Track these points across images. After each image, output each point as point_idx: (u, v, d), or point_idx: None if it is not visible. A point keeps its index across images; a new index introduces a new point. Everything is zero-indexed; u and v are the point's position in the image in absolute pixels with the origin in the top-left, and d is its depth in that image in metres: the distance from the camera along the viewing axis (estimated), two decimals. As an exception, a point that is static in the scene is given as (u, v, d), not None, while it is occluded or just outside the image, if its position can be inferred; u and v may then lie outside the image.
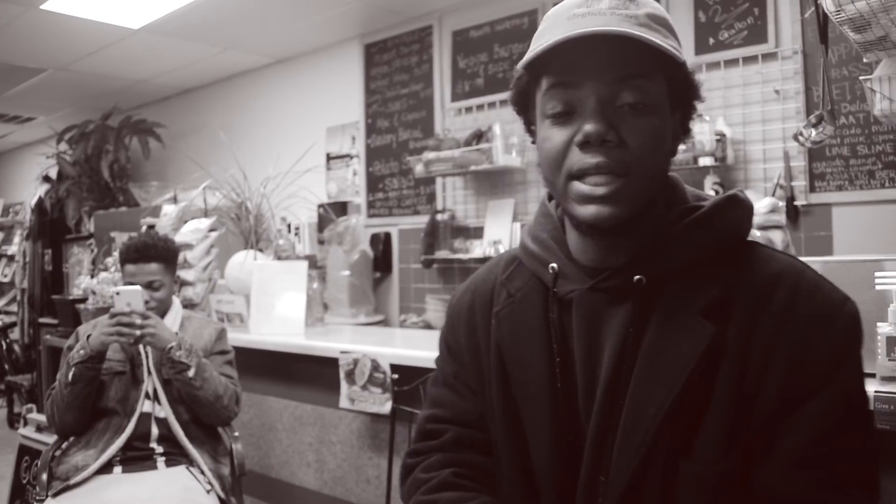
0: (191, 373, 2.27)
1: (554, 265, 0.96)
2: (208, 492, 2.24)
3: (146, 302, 2.33)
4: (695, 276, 0.89)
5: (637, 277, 0.88)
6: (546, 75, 0.88)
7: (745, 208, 0.94)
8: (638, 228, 0.89)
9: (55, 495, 2.15)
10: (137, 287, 2.29)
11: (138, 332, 2.21)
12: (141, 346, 2.35)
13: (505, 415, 0.99)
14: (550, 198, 1.06)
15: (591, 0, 0.86)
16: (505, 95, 3.81)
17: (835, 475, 0.82)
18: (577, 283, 0.94)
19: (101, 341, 2.21)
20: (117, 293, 2.25)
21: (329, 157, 4.86)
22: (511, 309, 1.01)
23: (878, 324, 1.62)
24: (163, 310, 2.48)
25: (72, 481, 2.17)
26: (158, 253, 2.47)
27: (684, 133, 0.95)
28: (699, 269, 0.89)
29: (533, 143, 0.97)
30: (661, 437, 0.85)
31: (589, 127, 0.83)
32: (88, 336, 2.24)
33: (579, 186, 0.86)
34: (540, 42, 0.87)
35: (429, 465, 1.04)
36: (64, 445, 2.35)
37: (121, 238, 4.11)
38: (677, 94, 0.90)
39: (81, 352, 2.21)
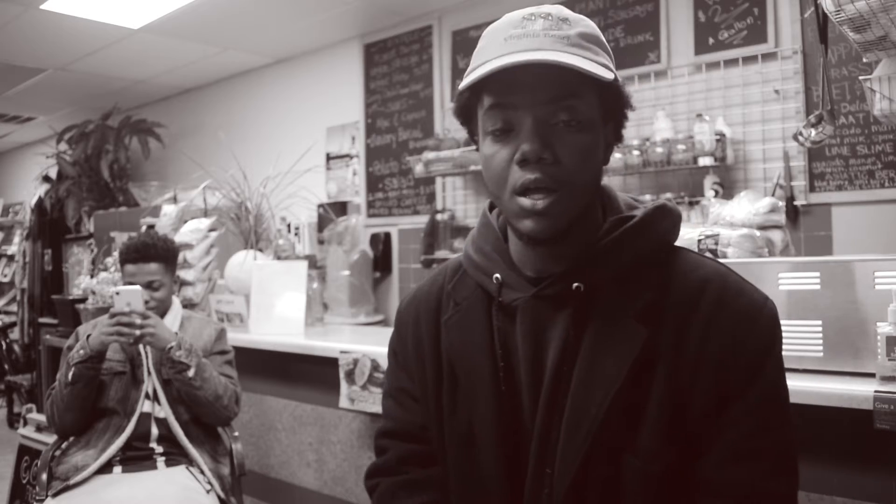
0: (191, 373, 2.27)
1: (498, 275, 1.02)
2: (208, 492, 2.24)
3: (146, 302, 2.32)
4: (629, 282, 0.96)
5: (575, 285, 0.95)
6: (486, 94, 0.94)
7: (674, 217, 1.02)
8: (575, 237, 0.96)
9: (55, 495, 2.15)
10: (137, 287, 2.29)
11: (138, 332, 2.21)
12: (141, 347, 2.35)
13: (451, 418, 1.05)
14: (491, 209, 1.12)
15: (526, 21, 0.93)
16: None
17: (767, 466, 0.90)
18: (520, 292, 1.00)
19: (101, 341, 2.21)
20: (117, 293, 2.25)
21: (329, 157, 4.86)
22: (459, 317, 1.06)
23: (878, 323, 1.62)
24: (163, 310, 2.48)
25: (71, 481, 2.16)
26: (158, 253, 2.47)
27: (617, 140, 1.02)
28: (632, 275, 0.96)
29: (476, 150, 1.03)
30: (603, 433, 0.91)
31: (526, 147, 0.90)
32: (88, 336, 2.24)
33: (522, 201, 0.92)
34: (479, 61, 0.94)
35: (381, 497, 1.12)
36: (64, 445, 2.35)
37: (121, 238, 4.11)
38: (609, 107, 0.96)
39: (81, 352, 2.21)
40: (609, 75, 0.92)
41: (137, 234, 2.62)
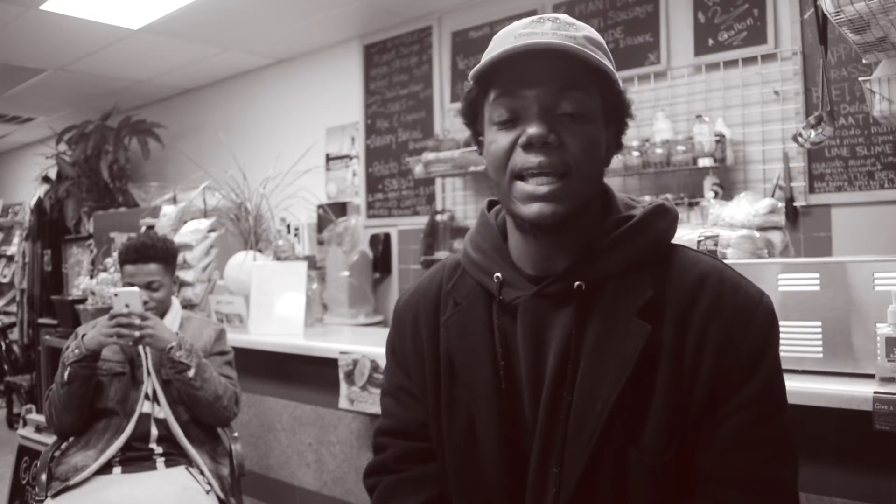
0: (191, 373, 2.27)
1: (498, 274, 1.03)
2: (207, 492, 2.24)
3: (145, 303, 2.33)
4: (629, 281, 0.97)
5: (577, 284, 0.97)
6: (494, 87, 0.97)
7: (672, 217, 1.04)
8: (576, 233, 0.98)
9: (54, 496, 2.15)
10: (136, 288, 2.29)
11: (137, 334, 2.21)
12: (140, 347, 2.35)
13: (450, 417, 1.06)
14: (489, 207, 1.14)
15: (535, 23, 0.96)
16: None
17: (766, 454, 0.93)
18: (520, 290, 1.01)
19: (99, 342, 2.21)
20: (115, 294, 2.25)
21: (328, 158, 4.86)
22: (458, 317, 1.07)
23: (878, 324, 1.62)
24: (162, 310, 2.48)
25: (71, 482, 2.16)
26: (157, 253, 2.46)
27: (617, 147, 1.04)
28: (633, 273, 0.98)
29: (479, 154, 1.06)
30: (609, 429, 0.93)
31: (532, 129, 0.92)
32: (84, 335, 2.24)
33: (523, 186, 0.94)
34: (488, 57, 0.95)
35: (381, 495, 1.14)
36: (63, 446, 2.35)
37: (120, 238, 4.11)
38: (611, 109, 0.99)
39: (76, 351, 2.21)
40: (615, 73, 0.96)
41: (137, 235, 2.62)
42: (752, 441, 0.93)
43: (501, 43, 0.96)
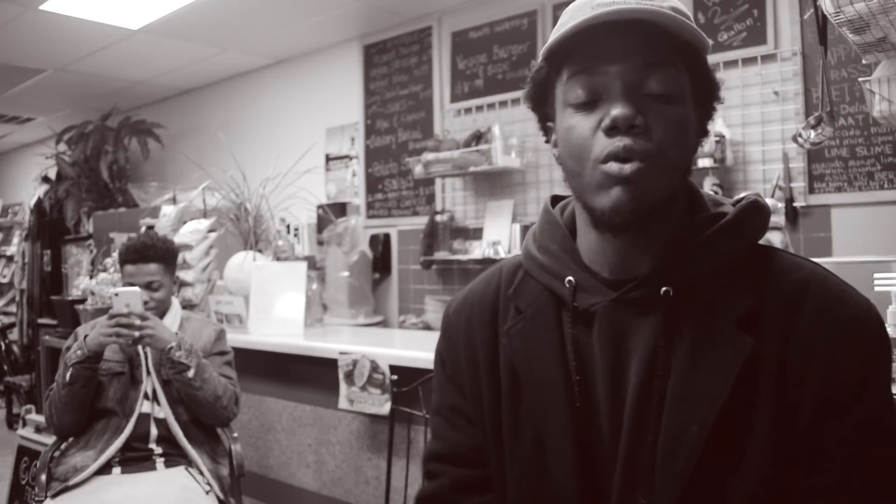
0: (191, 373, 2.26)
1: (570, 278, 0.92)
2: (207, 492, 2.24)
3: (145, 302, 2.32)
4: (723, 286, 0.86)
5: (664, 289, 0.85)
6: (568, 64, 0.86)
7: (766, 215, 0.93)
8: (658, 229, 0.87)
9: (54, 496, 2.15)
10: (136, 288, 2.28)
11: (137, 334, 2.21)
12: (140, 347, 2.35)
13: (517, 439, 0.94)
14: (554, 203, 1.03)
15: None
16: (505, 96, 3.86)
17: (883, 482, 0.81)
18: (596, 296, 0.90)
19: (99, 342, 2.20)
20: (116, 294, 2.25)
21: (328, 158, 4.86)
22: (523, 325, 0.95)
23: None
24: (162, 310, 2.48)
25: (71, 482, 2.16)
26: (158, 253, 2.46)
27: (704, 133, 0.92)
28: (727, 278, 0.86)
29: (546, 142, 0.96)
30: (707, 454, 0.81)
31: (616, 111, 0.81)
32: (86, 336, 2.24)
33: (606, 168, 0.82)
34: (561, 31, 0.85)
35: None
36: (63, 446, 2.35)
37: (120, 239, 4.11)
38: (699, 89, 0.88)
39: (79, 352, 2.21)
40: (707, 47, 0.86)
41: (137, 235, 2.62)
42: (867, 468, 0.81)
43: (578, 13, 0.84)
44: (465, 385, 1.00)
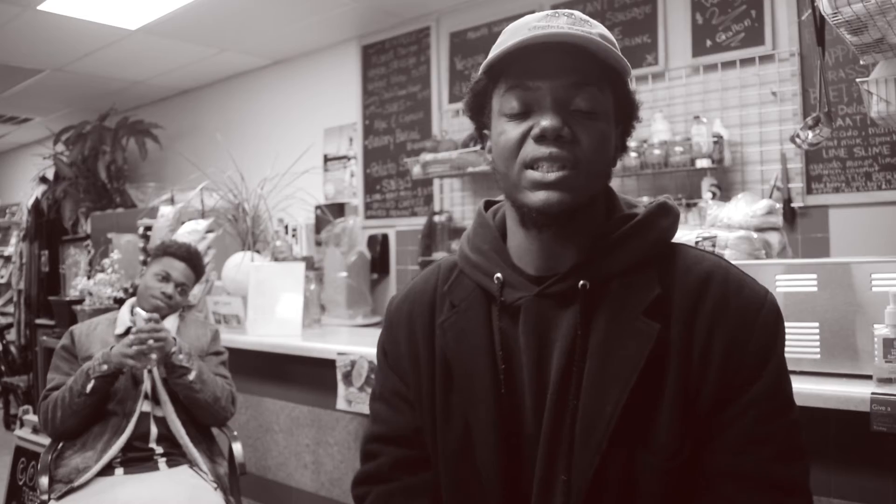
0: (191, 376, 2.29)
1: (499, 275, 1.00)
2: (215, 489, 2.25)
3: (169, 297, 2.47)
4: (634, 279, 0.96)
5: (581, 283, 0.94)
6: (505, 78, 0.95)
7: (674, 215, 1.02)
8: (579, 230, 0.96)
9: (59, 498, 2.15)
10: (156, 315, 2.33)
11: (154, 357, 2.23)
12: None
13: (446, 423, 1.02)
14: (486, 207, 1.11)
15: (550, 17, 0.94)
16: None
17: (776, 451, 0.91)
18: (522, 291, 0.98)
19: (121, 362, 2.21)
20: (136, 315, 2.40)
21: (326, 159, 4.86)
22: (456, 319, 1.04)
23: (875, 326, 1.62)
24: (166, 312, 2.50)
25: (75, 483, 2.16)
26: (199, 265, 2.63)
27: (623, 149, 1.02)
28: (637, 272, 0.96)
29: (481, 148, 1.05)
30: (619, 432, 0.90)
31: (546, 122, 0.90)
32: (112, 348, 2.23)
33: (532, 174, 0.92)
34: (500, 49, 0.94)
35: None
36: (59, 447, 2.34)
37: (118, 239, 4.11)
38: (621, 108, 0.98)
39: (104, 367, 2.20)
40: (629, 72, 0.96)
41: (181, 241, 2.78)
42: (762, 438, 0.91)
43: (515, 34, 0.94)
44: (405, 373, 1.09)
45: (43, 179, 6.38)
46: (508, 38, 0.95)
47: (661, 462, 0.91)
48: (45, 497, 2.19)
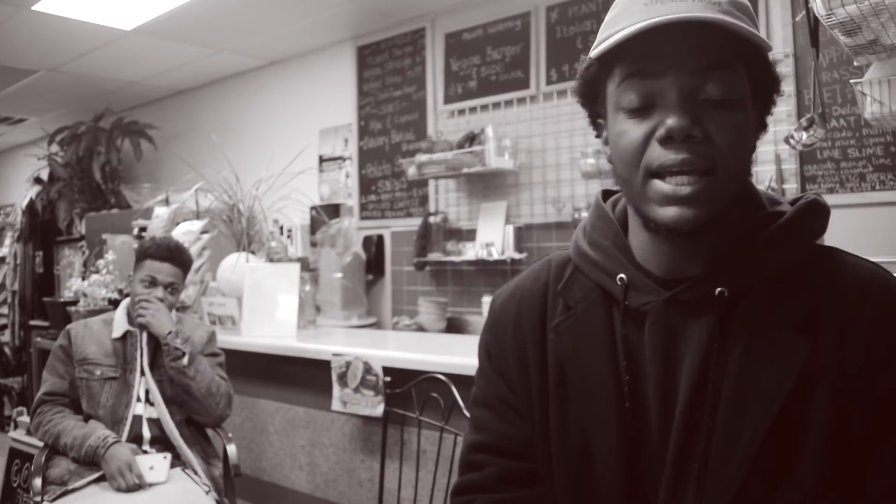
0: (185, 360, 2.30)
1: (623, 276, 0.89)
2: (207, 493, 2.24)
3: (161, 300, 2.42)
4: (781, 288, 0.83)
5: (719, 290, 0.83)
6: (620, 64, 0.83)
7: (826, 214, 0.89)
8: (714, 234, 0.83)
9: (53, 500, 2.14)
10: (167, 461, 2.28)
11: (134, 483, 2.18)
12: (137, 346, 2.38)
13: (564, 437, 0.92)
14: (605, 198, 1.00)
15: None
16: (498, 98, 3.86)
17: None
18: (649, 295, 0.87)
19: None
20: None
21: (322, 160, 4.86)
22: (573, 321, 0.93)
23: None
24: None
25: (70, 486, 2.16)
26: (184, 260, 2.55)
27: (762, 128, 0.89)
28: (784, 280, 0.83)
29: (597, 136, 0.93)
30: (759, 462, 0.79)
31: (672, 121, 0.78)
32: (114, 443, 2.21)
33: (661, 186, 0.80)
34: (613, 29, 0.81)
35: None
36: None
37: (113, 240, 4.10)
38: (759, 86, 0.85)
39: (99, 451, 2.18)
40: (767, 43, 0.81)
41: (159, 237, 2.67)
42: None
43: (627, 9, 0.81)
44: (513, 379, 0.98)
45: (37, 180, 6.36)
46: (621, 11, 0.82)
47: (803, 497, 0.78)
48: (38, 499, 2.19)
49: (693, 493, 0.82)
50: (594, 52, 0.84)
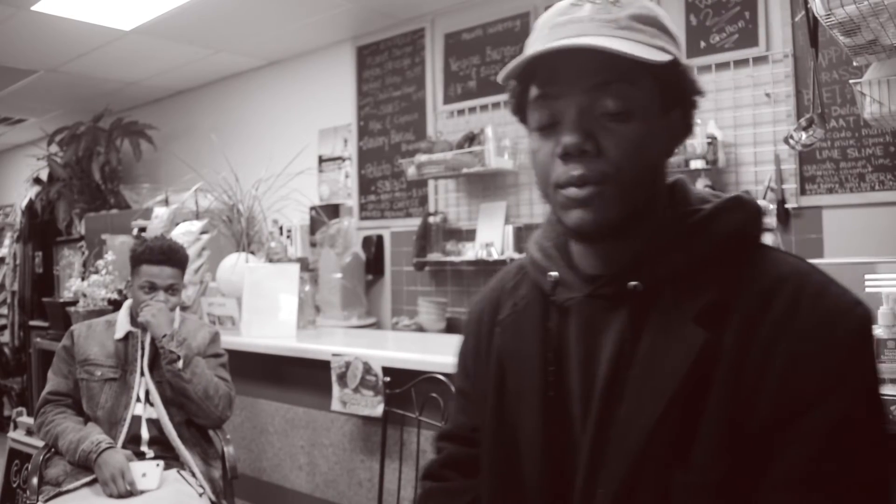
0: (180, 364, 2.29)
1: (553, 273, 0.96)
2: (200, 495, 2.24)
3: (164, 301, 2.41)
4: (692, 281, 0.86)
5: (632, 284, 0.87)
6: (533, 84, 0.89)
7: (749, 210, 0.91)
8: (635, 233, 0.88)
9: (48, 500, 2.14)
10: (161, 466, 2.28)
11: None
12: (138, 346, 2.39)
13: (497, 424, 0.98)
14: None
15: (573, 7, 0.86)
16: (497, 98, 3.86)
17: (831, 495, 0.77)
18: (575, 291, 0.93)
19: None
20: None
21: (321, 160, 4.86)
22: (514, 318, 1.00)
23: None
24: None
25: (64, 487, 2.16)
26: (180, 258, 2.52)
27: (687, 130, 0.92)
28: (697, 273, 0.86)
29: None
30: (653, 446, 0.82)
31: (566, 139, 0.84)
32: (106, 449, 2.20)
33: (563, 192, 0.86)
34: (526, 52, 0.86)
35: (419, 500, 1.11)
36: (52, 450, 2.35)
37: (112, 240, 4.10)
38: (671, 93, 0.87)
39: (91, 456, 2.18)
40: (661, 57, 0.82)
41: (153, 238, 2.64)
42: (817, 478, 0.77)
43: (538, 33, 0.87)
44: (471, 372, 1.08)
45: (37, 180, 6.36)
46: (535, 36, 0.88)
47: (698, 482, 0.80)
48: (33, 498, 2.19)
49: (602, 481, 0.86)
50: (503, 77, 0.88)
